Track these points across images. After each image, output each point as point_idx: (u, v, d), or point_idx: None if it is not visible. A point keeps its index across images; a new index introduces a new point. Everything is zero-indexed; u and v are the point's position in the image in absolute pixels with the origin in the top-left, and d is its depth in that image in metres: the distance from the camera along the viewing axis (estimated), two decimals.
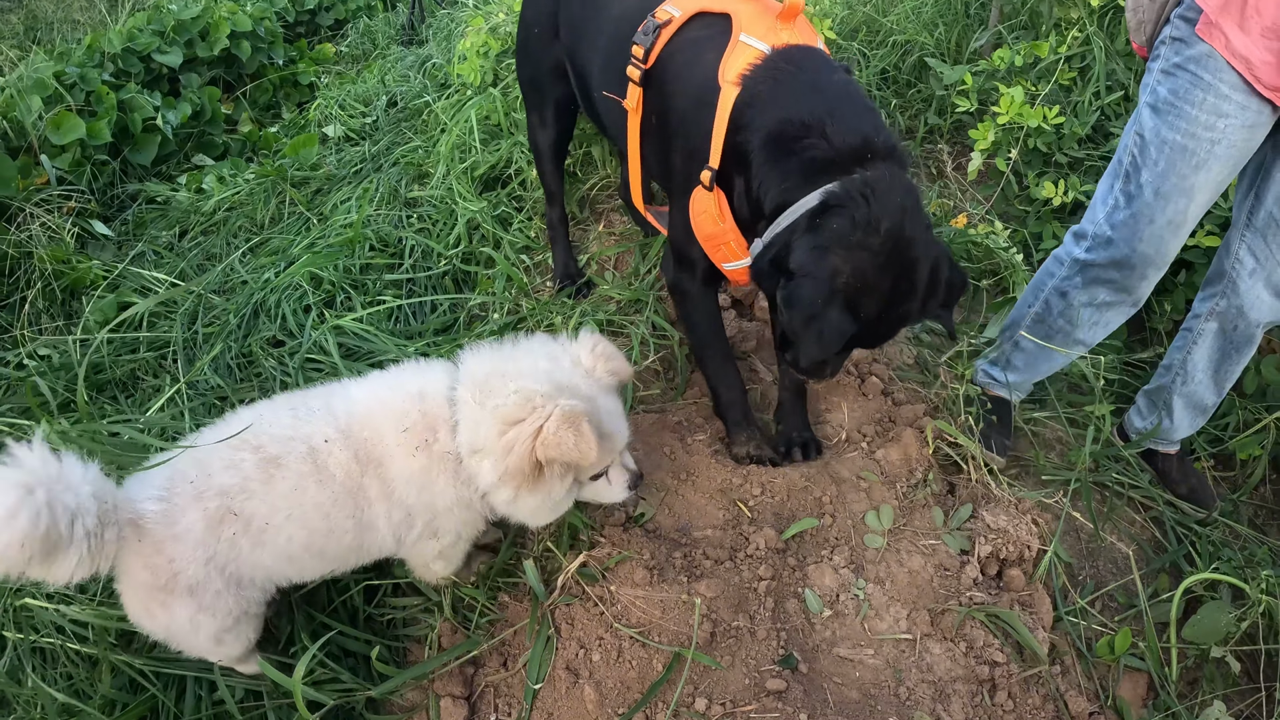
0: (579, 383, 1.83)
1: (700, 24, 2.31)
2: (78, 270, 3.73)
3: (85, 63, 5.11)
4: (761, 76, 2.11)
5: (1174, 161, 2.18)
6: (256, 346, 3.11)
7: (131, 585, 1.74)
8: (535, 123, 3.19)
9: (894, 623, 2.06)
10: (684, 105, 2.29)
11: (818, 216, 1.97)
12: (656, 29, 2.33)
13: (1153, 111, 2.21)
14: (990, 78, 3.89)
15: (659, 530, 2.19)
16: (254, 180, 4.36)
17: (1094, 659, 2.10)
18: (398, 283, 3.45)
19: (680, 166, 2.34)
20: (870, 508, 2.29)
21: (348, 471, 1.78)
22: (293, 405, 1.86)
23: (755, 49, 2.14)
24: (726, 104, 2.12)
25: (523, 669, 1.99)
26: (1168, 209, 2.20)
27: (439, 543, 1.93)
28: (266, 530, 1.75)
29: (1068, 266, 2.42)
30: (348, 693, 1.99)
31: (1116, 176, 2.32)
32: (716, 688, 1.89)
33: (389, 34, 7.33)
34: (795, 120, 2.04)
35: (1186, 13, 2.15)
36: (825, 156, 2.00)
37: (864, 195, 1.93)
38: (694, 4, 2.33)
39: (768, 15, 2.23)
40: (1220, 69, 2.09)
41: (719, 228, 2.22)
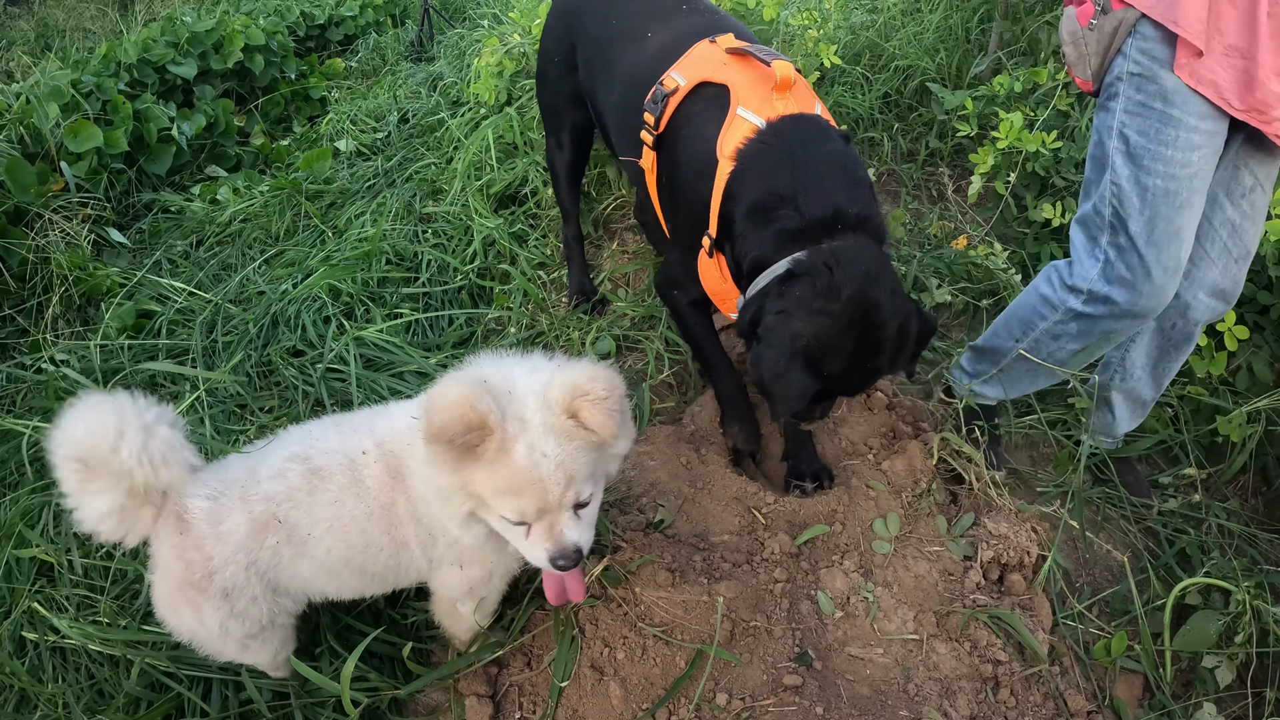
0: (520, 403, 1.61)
1: (703, 94, 2.42)
2: (95, 277, 3.78)
3: (101, 72, 5.19)
4: (751, 151, 2.26)
5: (1159, 207, 2.13)
6: (276, 356, 3.17)
7: (164, 577, 1.76)
8: (553, 145, 3.35)
9: (902, 624, 2.15)
10: (688, 174, 2.44)
11: (784, 283, 2.14)
12: (665, 97, 2.45)
13: (1127, 159, 2.15)
14: (990, 103, 4.01)
15: (678, 535, 2.28)
16: (269, 192, 4.44)
17: (1091, 661, 2.19)
18: (414, 296, 3.53)
19: (684, 225, 2.53)
20: (878, 516, 2.38)
21: (381, 485, 1.78)
22: (339, 423, 1.90)
23: (750, 123, 2.27)
24: (722, 178, 2.28)
25: (548, 668, 2.05)
26: (1162, 257, 2.16)
27: (468, 574, 1.89)
28: (308, 541, 1.77)
29: (1061, 314, 2.38)
30: (374, 692, 2.05)
31: (1100, 229, 2.25)
32: (736, 683, 1.98)
33: (398, 50, 7.43)
34: (773, 192, 2.21)
35: (1144, 44, 2.07)
36: (795, 227, 2.17)
37: (827, 264, 2.09)
38: (697, 73, 2.43)
39: (763, 86, 2.32)
40: (1187, 100, 2.04)
41: (722, 287, 2.43)
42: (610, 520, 2.25)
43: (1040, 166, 3.61)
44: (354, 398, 2.82)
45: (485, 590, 1.97)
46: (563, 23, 3.06)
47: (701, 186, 2.35)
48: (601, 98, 2.87)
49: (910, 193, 4.07)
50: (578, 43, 2.96)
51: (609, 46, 2.80)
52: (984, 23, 4.58)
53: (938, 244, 3.68)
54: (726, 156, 2.28)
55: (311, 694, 2.09)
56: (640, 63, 2.64)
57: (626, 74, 2.69)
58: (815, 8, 4.80)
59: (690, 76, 2.43)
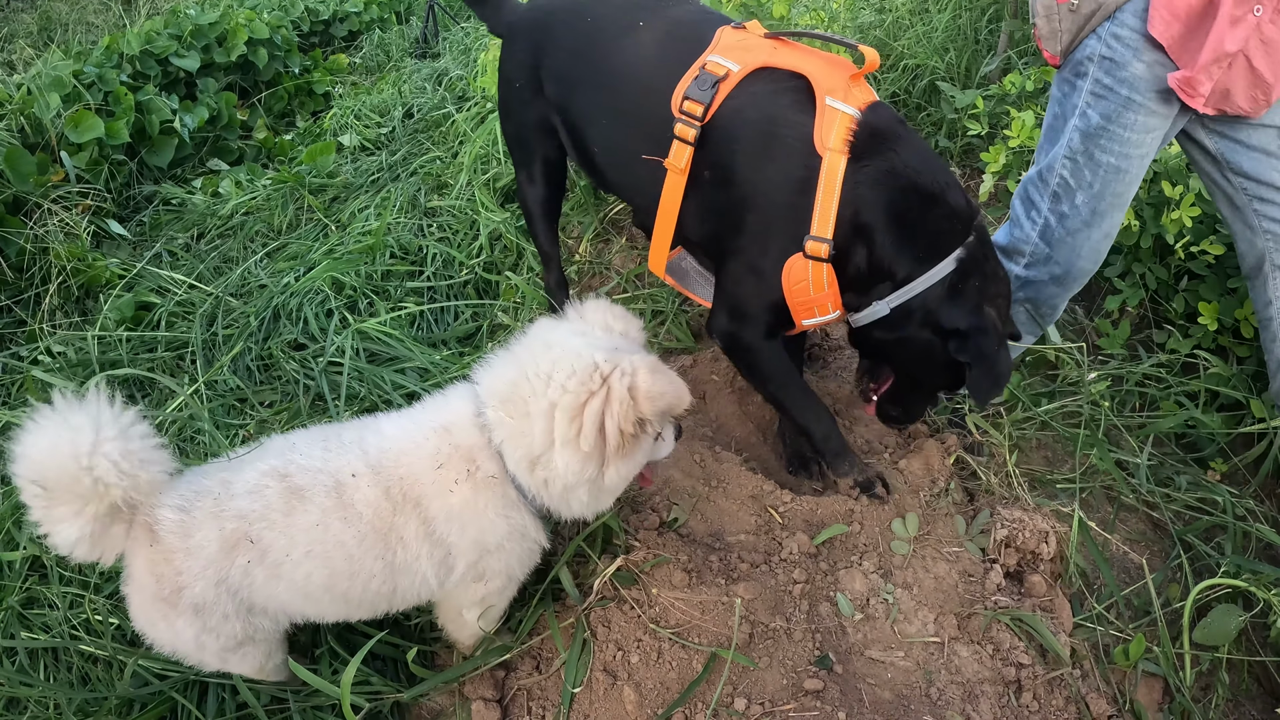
0: (621, 344, 1.78)
1: (765, 80, 2.22)
2: (94, 268, 3.75)
3: (104, 63, 5.15)
4: (868, 146, 2.12)
5: (1109, 182, 2.28)
6: (277, 349, 3.12)
7: (137, 589, 1.71)
8: (524, 180, 3.03)
9: (922, 626, 2.10)
10: (768, 170, 2.22)
11: (958, 282, 2.16)
12: (715, 84, 2.22)
13: (1084, 136, 2.27)
14: (1001, 102, 3.97)
15: (692, 535, 2.23)
16: (271, 186, 4.40)
17: (1111, 665, 2.15)
18: (419, 290, 3.49)
19: (758, 229, 2.27)
20: (896, 516, 2.33)
21: (376, 510, 1.70)
22: (325, 437, 1.80)
23: (844, 113, 2.12)
24: (834, 174, 2.11)
25: (557, 672, 2.00)
26: (1103, 224, 2.34)
27: (485, 586, 1.85)
28: (284, 564, 1.69)
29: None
30: (377, 696, 2.00)
31: (1043, 194, 2.40)
32: (755, 688, 1.93)
33: (403, 47, 7.40)
34: (918, 191, 2.15)
35: (1120, 30, 2.17)
36: (949, 227, 2.16)
37: (985, 255, 2.19)
38: (749, 59, 2.23)
39: (840, 73, 2.20)
40: (1149, 87, 2.17)
41: (820, 294, 2.23)
42: (623, 519, 2.20)
43: None
44: (356, 392, 2.77)
45: (497, 599, 1.93)
46: (525, 43, 2.76)
47: (794, 185, 2.16)
48: (584, 103, 2.59)
49: None
50: (544, 59, 2.67)
51: (591, 46, 2.54)
52: (993, 22, 4.55)
53: None
54: (835, 150, 2.10)
55: (311, 698, 2.04)
56: (644, 54, 2.41)
57: (626, 69, 2.44)
58: (823, 7, 4.77)
59: (743, 61, 2.23)
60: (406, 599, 1.84)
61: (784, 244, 2.20)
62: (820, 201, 2.12)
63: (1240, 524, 2.47)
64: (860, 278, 2.22)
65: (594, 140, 2.60)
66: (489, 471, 1.74)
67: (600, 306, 1.87)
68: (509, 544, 1.80)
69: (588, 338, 1.76)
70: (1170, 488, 2.65)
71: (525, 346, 1.79)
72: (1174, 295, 3.16)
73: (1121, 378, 2.96)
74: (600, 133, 2.58)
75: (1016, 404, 2.78)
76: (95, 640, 2.12)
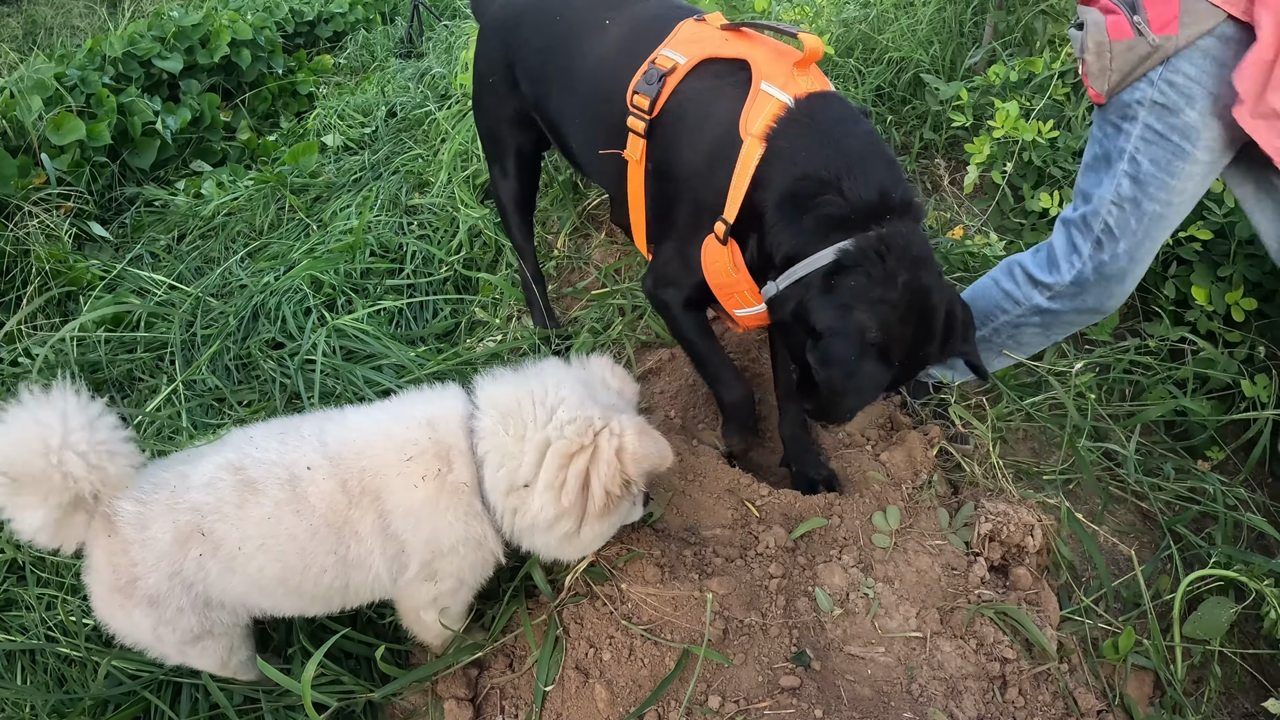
0: (617, 402, 1.80)
1: (709, 71, 2.24)
2: (75, 270, 3.71)
3: (86, 65, 5.12)
4: (784, 131, 2.07)
5: (1150, 230, 2.21)
6: (256, 348, 3.10)
7: (96, 579, 1.71)
8: (497, 175, 3.05)
9: (904, 621, 2.06)
10: (695, 156, 2.23)
11: (833, 275, 2.00)
12: (661, 77, 2.24)
13: (1134, 183, 2.19)
14: (985, 93, 3.95)
15: (667, 529, 2.20)
16: (253, 186, 4.38)
17: (1100, 659, 2.11)
18: (399, 288, 3.46)
19: (686, 214, 2.29)
20: (877, 509, 2.29)
21: (331, 503, 1.67)
22: (284, 430, 1.78)
23: (777, 99, 2.09)
24: (749, 159, 2.08)
25: (530, 670, 1.97)
26: (1138, 270, 2.27)
27: (436, 587, 1.82)
28: (237, 557, 1.67)
29: (1025, 309, 2.43)
30: (348, 695, 1.96)
31: (1085, 238, 2.29)
32: (730, 685, 1.89)
33: (387, 47, 7.38)
34: (814, 177, 2.04)
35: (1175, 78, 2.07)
36: (839, 214, 2.02)
37: (879, 252, 1.98)
38: (700, 50, 2.25)
39: (784, 61, 2.17)
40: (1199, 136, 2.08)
41: (731, 278, 2.22)
42: None
43: (1037, 156, 3.55)
44: (332, 389, 2.74)
45: (450, 601, 1.90)
46: (496, 41, 2.81)
47: (716, 169, 2.15)
48: (559, 101, 2.63)
49: None
50: (517, 58, 2.71)
51: (561, 46, 2.58)
52: (978, 14, 4.52)
53: (934, 234, 3.61)
54: (755, 136, 2.07)
55: (283, 697, 2.01)
56: (608, 52, 2.44)
57: (593, 67, 2.47)
58: (807, 2, 4.74)
59: (690, 54, 2.24)
60: (360, 594, 1.81)
61: (699, 232, 2.23)
62: (734, 185, 2.10)
63: (1231, 513, 2.44)
64: (756, 263, 2.17)
65: (571, 138, 2.63)
66: (461, 477, 1.71)
67: (602, 363, 1.92)
68: (463, 549, 1.77)
69: (590, 389, 1.78)
70: (1159, 477, 2.62)
71: (536, 375, 1.79)
72: (1163, 282, 3.13)
73: (1109, 366, 2.92)
74: (574, 131, 2.60)
75: (1001, 396, 2.74)
76: (70, 641, 2.11)
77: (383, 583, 1.77)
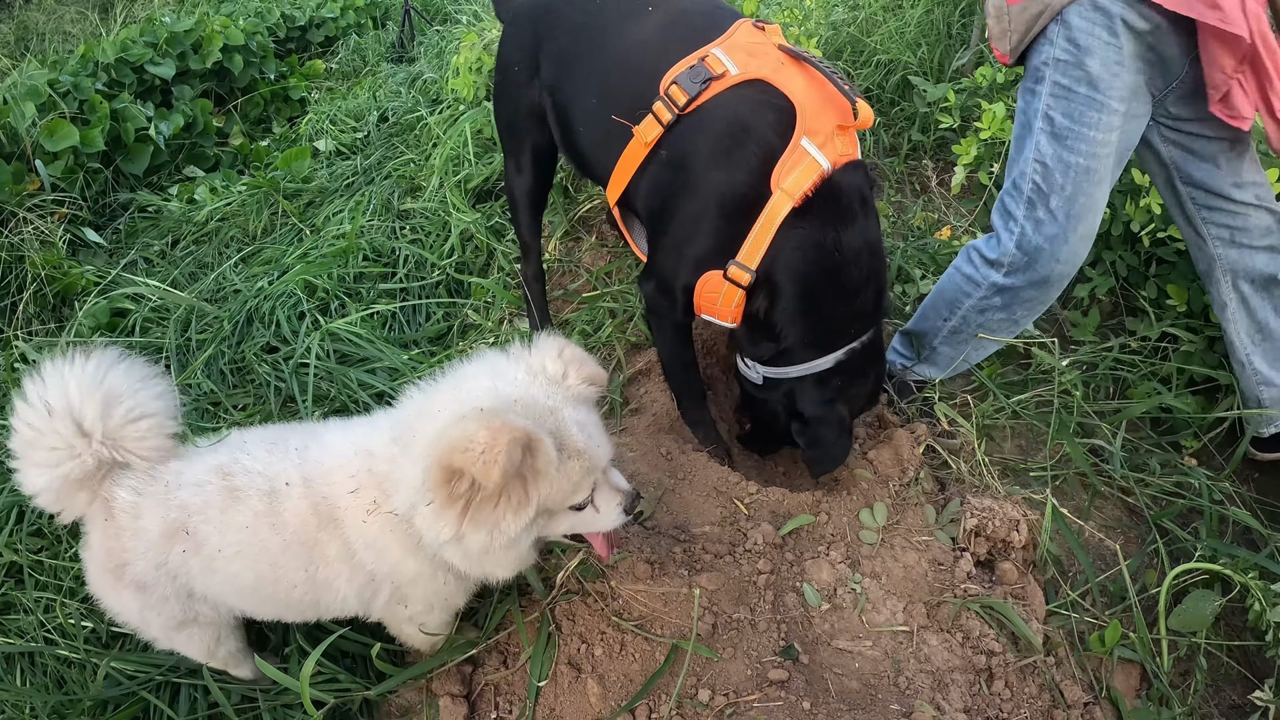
0: (536, 394, 1.58)
1: (757, 95, 2.15)
2: (69, 276, 3.73)
3: (79, 71, 5.14)
4: (818, 207, 2.10)
5: (1080, 183, 2.28)
6: (250, 353, 3.12)
7: (90, 557, 1.77)
8: (512, 169, 2.98)
9: (891, 615, 2.09)
10: (717, 177, 2.19)
11: (826, 377, 2.31)
12: (708, 80, 2.17)
13: (1051, 138, 2.29)
14: (972, 95, 3.98)
15: (658, 527, 2.22)
16: (246, 191, 4.40)
17: (1087, 652, 2.14)
18: (392, 292, 3.48)
19: (692, 219, 2.27)
20: (864, 505, 2.32)
21: (303, 522, 1.66)
22: (274, 440, 1.77)
23: (815, 162, 2.07)
24: (776, 216, 2.10)
25: (524, 666, 1.99)
26: (1079, 227, 2.32)
27: (408, 610, 1.84)
28: (217, 559, 1.70)
29: (985, 289, 2.49)
30: (344, 692, 1.99)
31: (1018, 203, 2.38)
32: (719, 678, 1.92)
33: (379, 51, 7.39)
34: (836, 277, 2.18)
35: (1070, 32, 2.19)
36: (846, 327, 2.27)
37: (863, 359, 2.32)
38: (752, 66, 2.16)
39: (829, 116, 2.13)
40: (1110, 84, 2.18)
41: (725, 309, 2.28)
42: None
43: None
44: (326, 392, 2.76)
45: (427, 618, 1.89)
46: (528, 29, 2.73)
47: (735, 206, 2.15)
48: (577, 78, 2.55)
49: (894, 186, 4.03)
50: (544, 45, 2.65)
51: (593, 27, 2.52)
52: (965, 16, 4.55)
53: (921, 235, 3.65)
54: (787, 193, 2.07)
55: (280, 696, 2.03)
56: (646, 35, 2.38)
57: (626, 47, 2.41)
58: (796, 5, 4.77)
59: (744, 67, 2.16)
60: (330, 610, 1.82)
61: (709, 249, 2.25)
62: (755, 234, 2.14)
63: (1216, 508, 2.46)
64: (754, 322, 2.30)
65: (577, 113, 2.58)
66: (392, 506, 1.61)
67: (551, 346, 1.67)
68: (422, 580, 1.73)
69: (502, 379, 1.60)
70: (1145, 473, 2.64)
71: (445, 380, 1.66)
72: (1145, 282, 3.16)
73: (1094, 364, 2.96)
74: (585, 105, 2.55)
75: (987, 394, 2.78)
76: (69, 643, 2.14)
77: (350, 605, 1.79)
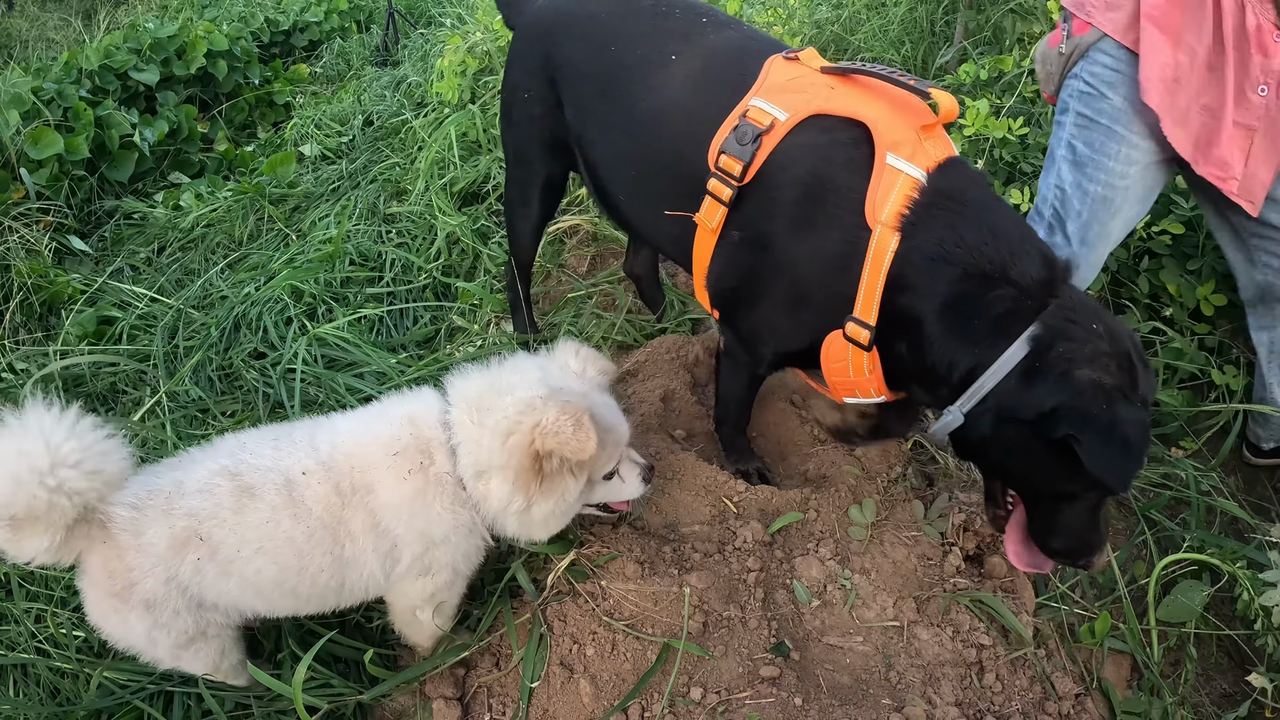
0: (572, 384, 1.86)
1: (817, 131, 1.92)
2: (56, 284, 3.72)
3: (63, 79, 5.12)
4: (923, 218, 1.81)
5: (1096, 211, 2.37)
6: (238, 359, 3.11)
7: (91, 584, 1.73)
8: (515, 198, 2.73)
9: (881, 611, 2.10)
10: (807, 242, 1.95)
11: (1034, 360, 1.74)
12: (757, 136, 1.92)
13: (1072, 165, 2.38)
14: (956, 92, 3.99)
15: (647, 527, 2.23)
16: (232, 197, 4.38)
17: (1077, 643, 2.15)
18: (379, 296, 3.48)
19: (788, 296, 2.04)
20: (853, 502, 2.33)
21: (326, 505, 1.74)
22: (276, 436, 1.84)
23: (907, 175, 1.82)
24: (883, 253, 1.82)
25: (516, 668, 1.99)
26: (1091, 255, 2.41)
27: (432, 581, 1.87)
28: (235, 561, 1.72)
29: None
30: (338, 697, 1.98)
31: (1039, 226, 2.47)
32: (711, 676, 1.92)
33: (363, 55, 7.38)
34: (975, 273, 1.80)
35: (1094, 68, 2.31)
36: (1016, 306, 1.78)
37: (1069, 320, 1.76)
38: (803, 103, 1.92)
39: (907, 121, 1.87)
40: (1131, 119, 2.28)
41: (861, 379, 1.98)
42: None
43: (1007, 153, 3.60)
44: (314, 397, 2.75)
45: (446, 595, 1.95)
46: (536, 50, 2.44)
47: (837, 261, 1.89)
48: (608, 145, 2.31)
49: None
50: (560, 76, 2.37)
51: (616, 78, 2.24)
52: (949, 14, 4.57)
53: None
54: (887, 225, 1.81)
55: (274, 702, 2.02)
56: (677, 93, 2.11)
57: (657, 111, 2.14)
58: (780, 4, 4.78)
59: (791, 107, 1.92)
60: (354, 592, 1.86)
61: (819, 319, 1.97)
62: (865, 282, 1.85)
63: (1204, 499, 2.48)
64: (910, 371, 1.94)
65: (618, 189, 2.36)
66: (443, 468, 1.79)
67: (567, 348, 1.97)
68: (455, 538, 1.84)
69: (546, 374, 1.85)
70: None
71: (500, 366, 1.87)
72: (1136, 276, 3.19)
73: None
74: (625, 182, 2.33)
75: None
76: (61, 654, 2.11)
77: (377, 579, 1.84)
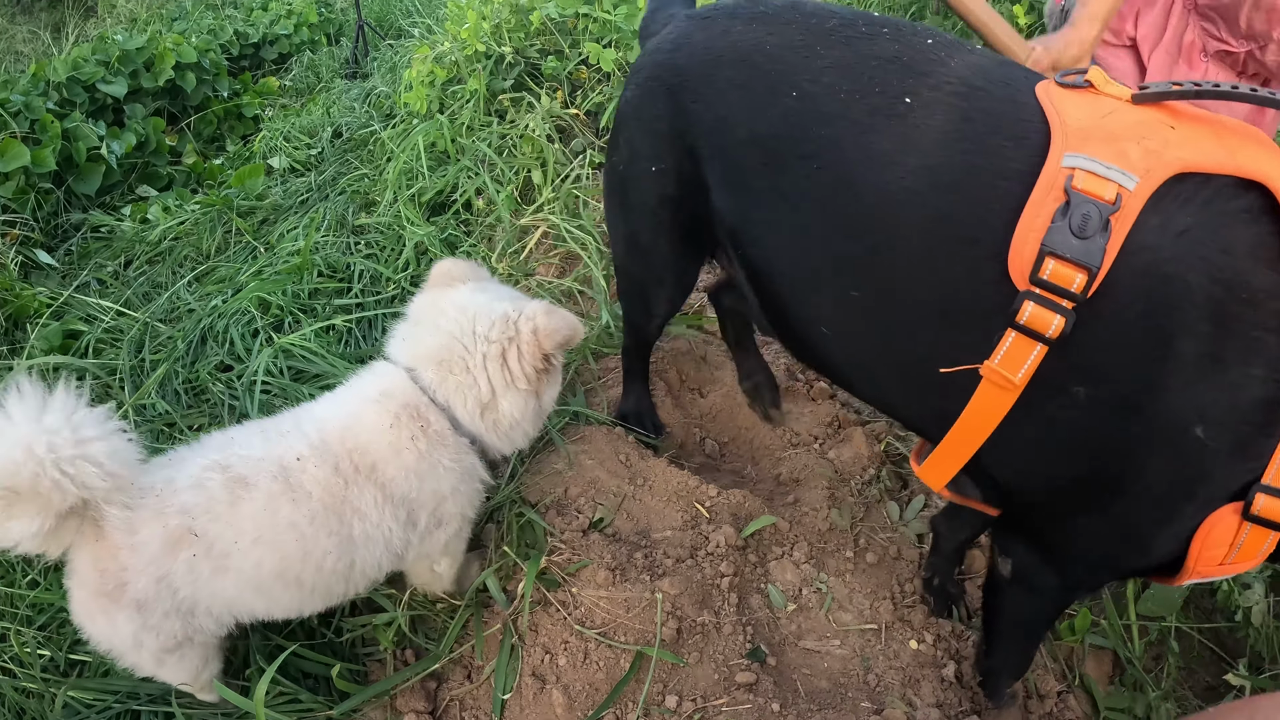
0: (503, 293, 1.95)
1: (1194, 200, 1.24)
2: (22, 299, 3.66)
3: (30, 91, 5.06)
4: None
5: None
6: (204, 372, 3.07)
7: (79, 584, 1.69)
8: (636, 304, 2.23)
9: (858, 614, 2.08)
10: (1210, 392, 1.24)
11: None
12: (1105, 220, 1.23)
13: None
14: None
15: (618, 534, 2.20)
16: (200, 210, 4.34)
17: (1057, 641, 2.14)
18: (347, 307, 3.44)
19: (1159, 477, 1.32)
20: (827, 505, 2.32)
21: (327, 487, 1.74)
22: (263, 429, 1.84)
23: None
24: None
25: (488, 680, 1.97)
26: None
27: (445, 532, 1.93)
28: (231, 555, 1.69)
29: None
30: (307, 712, 1.95)
31: None
32: (686, 684, 1.90)
33: (333, 68, 7.34)
34: None
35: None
36: None
37: None
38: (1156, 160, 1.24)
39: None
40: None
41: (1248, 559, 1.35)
42: (548, 523, 2.17)
43: None
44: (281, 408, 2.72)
45: (458, 542, 2.01)
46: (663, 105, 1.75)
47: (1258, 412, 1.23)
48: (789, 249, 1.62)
49: None
50: (703, 143, 1.70)
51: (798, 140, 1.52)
52: (917, 17, 4.60)
53: None
54: None
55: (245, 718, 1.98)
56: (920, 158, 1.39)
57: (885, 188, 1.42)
58: None
59: (1141, 166, 1.24)
60: (366, 572, 1.86)
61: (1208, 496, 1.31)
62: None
63: None
64: None
65: (816, 316, 1.64)
66: (439, 426, 1.83)
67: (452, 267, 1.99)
68: (462, 486, 1.89)
69: (487, 293, 1.91)
70: None
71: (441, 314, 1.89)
72: None
73: None
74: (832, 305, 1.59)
75: None
76: (26, 672, 2.06)
77: (395, 551, 1.86)
